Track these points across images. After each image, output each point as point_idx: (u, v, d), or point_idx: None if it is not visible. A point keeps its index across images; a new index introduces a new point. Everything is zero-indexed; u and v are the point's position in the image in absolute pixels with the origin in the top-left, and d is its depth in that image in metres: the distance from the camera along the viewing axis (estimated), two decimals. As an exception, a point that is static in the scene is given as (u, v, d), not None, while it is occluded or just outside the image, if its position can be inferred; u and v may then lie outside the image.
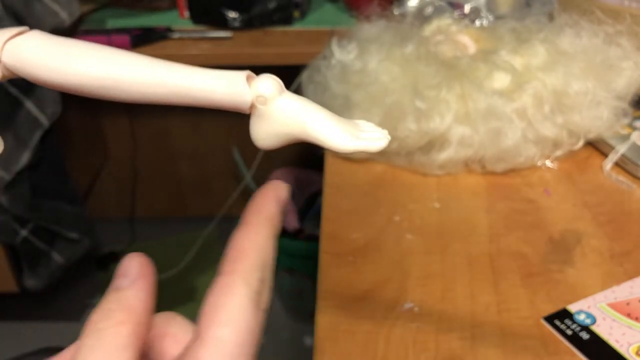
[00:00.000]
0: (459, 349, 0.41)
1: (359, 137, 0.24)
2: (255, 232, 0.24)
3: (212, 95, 0.24)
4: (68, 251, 1.10)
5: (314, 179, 1.37)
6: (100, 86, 0.24)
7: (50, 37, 0.24)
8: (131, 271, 0.23)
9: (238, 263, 0.22)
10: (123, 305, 0.21)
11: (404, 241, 0.51)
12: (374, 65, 0.60)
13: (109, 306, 0.21)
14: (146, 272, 0.23)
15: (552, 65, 0.58)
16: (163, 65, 0.24)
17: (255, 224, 0.24)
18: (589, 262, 0.48)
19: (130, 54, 0.24)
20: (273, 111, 0.24)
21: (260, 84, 0.24)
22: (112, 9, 1.09)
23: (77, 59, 0.23)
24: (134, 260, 0.23)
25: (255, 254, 0.23)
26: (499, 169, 0.59)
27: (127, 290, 0.22)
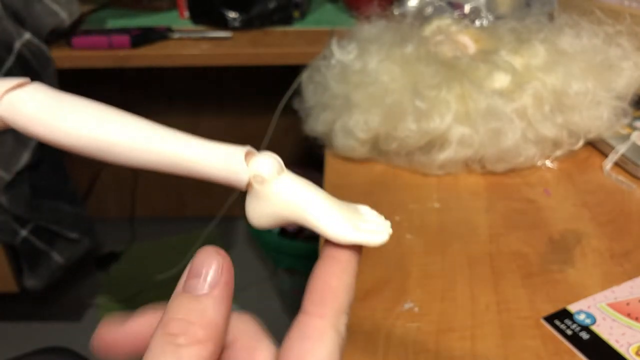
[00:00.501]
0: (459, 349, 0.41)
1: (358, 229, 0.23)
2: (343, 269, 0.22)
3: (208, 170, 0.23)
4: (68, 251, 1.09)
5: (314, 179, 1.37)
6: (96, 149, 0.23)
7: (50, 93, 0.23)
8: (208, 272, 0.21)
9: (328, 306, 0.21)
10: (205, 321, 0.19)
11: (404, 241, 0.51)
12: (374, 65, 0.60)
13: (188, 318, 0.19)
14: (226, 276, 0.21)
15: (552, 65, 0.58)
16: (161, 132, 0.23)
17: (343, 261, 0.23)
18: (589, 262, 0.48)
19: (128, 116, 0.23)
20: (270, 192, 0.23)
21: (259, 163, 0.23)
22: (112, 9, 1.09)
23: (74, 121, 0.22)
24: (211, 258, 0.21)
25: (344, 296, 0.22)
26: (499, 169, 0.59)
27: (206, 301, 0.20)
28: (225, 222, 1.50)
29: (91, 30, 0.97)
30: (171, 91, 1.44)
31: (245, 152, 0.23)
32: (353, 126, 0.59)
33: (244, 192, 0.24)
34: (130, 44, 0.92)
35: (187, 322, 0.19)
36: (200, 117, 1.48)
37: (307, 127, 0.64)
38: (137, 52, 0.92)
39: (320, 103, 0.63)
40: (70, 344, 0.74)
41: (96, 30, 0.97)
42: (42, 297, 1.38)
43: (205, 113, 1.47)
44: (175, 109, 1.46)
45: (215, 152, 0.23)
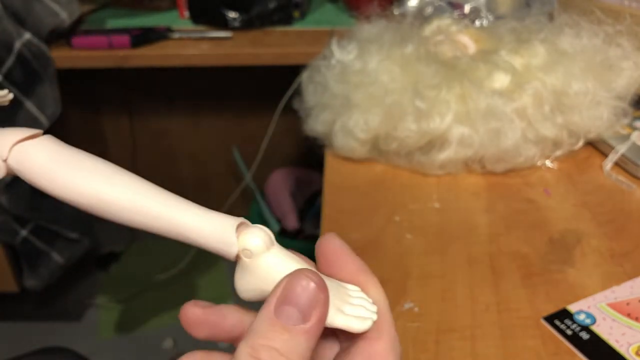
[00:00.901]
0: (459, 349, 0.41)
1: (344, 313, 0.23)
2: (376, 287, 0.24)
3: (200, 238, 0.23)
4: (68, 251, 1.10)
5: (314, 179, 1.37)
6: (97, 208, 0.23)
7: (59, 148, 0.24)
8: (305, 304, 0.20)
9: (384, 330, 0.23)
10: (295, 356, 0.20)
11: (404, 241, 0.51)
12: (374, 65, 0.60)
13: (280, 349, 0.20)
14: (321, 311, 0.21)
15: (552, 65, 0.58)
16: (160, 196, 0.24)
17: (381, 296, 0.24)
18: (589, 262, 0.48)
19: (131, 177, 0.24)
20: (257, 267, 0.23)
21: (249, 236, 0.23)
22: (112, 9, 1.09)
23: (80, 179, 0.23)
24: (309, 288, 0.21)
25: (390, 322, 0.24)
26: (499, 169, 0.59)
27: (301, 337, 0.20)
28: (225, 222, 1.50)
29: (91, 30, 0.97)
30: (171, 91, 1.44)
31: (238, 224, 0.23)
32: (353, 126, 0.59)
33: (243, 195, 0.24)
34: (130, 44, 0.92)
35: (278, 353, 0.19)
36: (200, 117, 1.48)
37: (307, 127, 0.64)
38: (137, 52, 0.92)
39: (320, 103, 0.63)
40: (70, 344, 0.74)
41: (96, 30, 0.97)
42: (42, 297, 1.38)
43: (205, 113, 1.47)
44: (175, 109, 1.46)
45: (209, 222, 0.23)
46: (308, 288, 0.20)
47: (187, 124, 1.49)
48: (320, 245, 0.25)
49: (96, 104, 1.46)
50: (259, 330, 0.20)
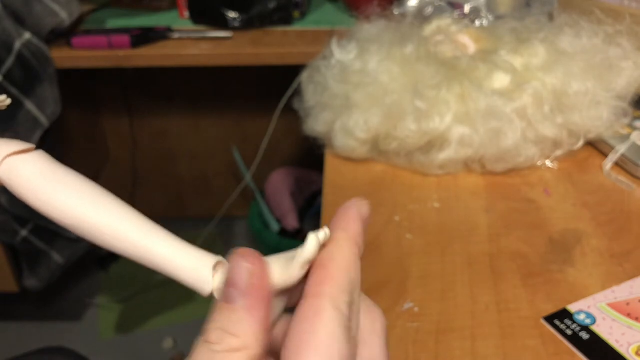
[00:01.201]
0: (459, 349, 0.41)
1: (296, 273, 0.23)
2: (341, 251, 0.22)
3: (175, 271, 0.24)
4: (68, 251, 1.10)
5: (314, 179, 1.37)
6: (79, 228, 0.24)
7: (48, 165, 0.24)
8: (241, 281, 0.21)
9: (325, 285, 0.21)
10: (240, 330, 0.20)
11: (404, 241, 0.51)
12: (374, 65, 0.60)
13: (224, 327, 0.20)
14: (257, 282, 0.21)
15: (552, 65, 0.58)
16: (142, 225, 0.24)
17: (341, 242, 0.23)
18: (589, 262, 0.48)
19: (116, 202, 0.24)
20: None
21: (224, 276, 0.23)
22: (112, 9, 1.09)
23: (65, 198, 0.24)
24: (241, 265, 0.21)
25: (343, 275, 0.22)
26: (499, 169, 0.59)
27: (240, 311, 0.21)
28: (225, 222, 1.50)
29: (91, 30, 0.97)
30: (171, 91, 1.44)
31: (216, 263, 0.24)
32: (353, 126, 0.59)
33: (243, 195, 0.24)
34: (130, 44, 0.92)
35: (223, 331, 0.20)
36: (200, 117, 1.48)
37: (307, 127, 0.64)
38: (137, 52, 0.92)
39: (320, 103, 0.63)
40: (70, 344, 0.74)
41: (96, 30, 0.97)
42: (42, 297, 1.38)
43: (205, 113, 1.47)
44: (175, 109, 1.46)
45: (186, 257, 0.24)
46: (243, 268, 0.21)
47: (187, 124, 1.49)
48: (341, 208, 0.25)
49: (96, 104, 1.46)
50: (211, 316, 0.21)
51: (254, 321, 0.21)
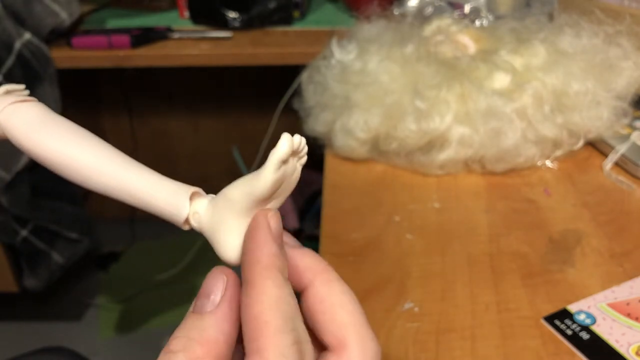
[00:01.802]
0: (459, 349, 0.41)
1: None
2: (261, 290, 0.20)
3: (151, 200, 0.24)
4: (68, 251, 1.10)
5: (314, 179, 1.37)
6: (60, 165, 0.25)
7: (45, 111, 0.27)
8: (215, 292, 0.21)
9: (261, 338, 0.19)
10: (204, 338, 0.20)
11: (404, 241, 0.51)
12: (374, 65, 0.60)
13: (189, 335, 0.20)
14: (230, 293, 0.21)
15: (552, 65, 0.58)
16: (121, 160, 0.25)
17: (258, 281, 0.21)
18: (589, 262, 0.48)
19: (101, 143, 0.26)
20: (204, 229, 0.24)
21: (201, 202, 0.24)
22: (112, 9, 1.09)
23: (52, 138, 0.25)
24: (217, 278, 0.21)
25: (275, 315, 0.20)
26: (499, 169, 0.59)
27: (208, 319, 0.20)
28: (225, 222, 1.50)
29: (91, 30, 0.97)
30: (171, 91, 1.44)
31: (193, 192, 0.25)
32: (353, 126, 0.59)
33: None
34: (130, 44, 0.92)
35: (187, 339, 0.20)
36: (200, 117, 1.48)
37: (307, 127, 0.64)
38: (137, 52, 0.92)
39: (320, 103, 0.63)
40: (70, 344, 0.74)
41: (96, 30, 0.97)
42: (42, 297, 1.38)
43: (205, 113, 1.47)
44: (175, 109, 1.47)
45: (162, 186, 0.25)
46: (220, 279, 0.22)
47: (187, 124, 1.49)
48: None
49: (96, 104, 1.46)
50: (177, 327, 0.21)
51: (220, 331, 0.20)
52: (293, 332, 0.20)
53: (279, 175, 0.22)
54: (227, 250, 0.23)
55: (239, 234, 0.23)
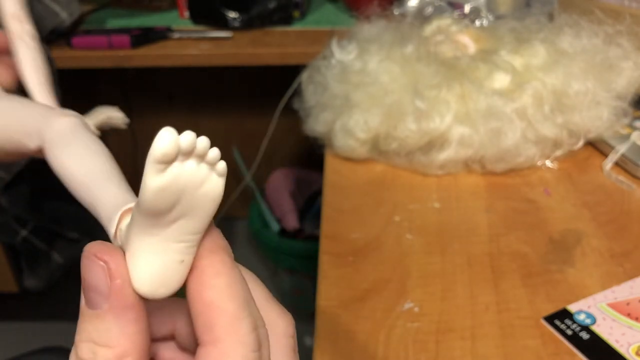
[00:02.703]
0: (459, 349, 0.41)
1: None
2: (211, 274, 0.19)
3: (100, 213, 0.22)
4: (68, 251, 1.10)
5: (314, 179, 1.37)
6: (68, 182, 0.24)
7: (79, 127, 0.27)
8: (100, 283, 0.19)
9: (217, 327, 0.18)
10: (111, 340, 0.18)
11: (404, 241, 0.51)
12: (374, 65, 0.60)
13: (94, 339, 0.18)
14: (117, 282, 0.18)
15: (552, 65, 0.58)
16: (106, 180, 0.23)
17: (205, 265, 0.19)
18: (589, 262, 0.48)
19: (99, 158, 0.25)
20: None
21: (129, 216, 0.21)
22: (112, 9, 1.09)
23: (67, 153, 0.25)
24: (94, 265, 0.19)
25: (230, 301, 0.18)
26: (499, 169, 0.59)
27: (107, 318, 0.18)
28: (225, 222, 1.50)
29: (91, 30, 0.97)
30: (171, 91, 1.44)
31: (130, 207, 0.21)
32: (353, 126, 0.59)
33: (243, 195, 0.23)
34: (130, 44, 0.92)
35: (94, 343, 0.18)
36: (200, 117, 1.48)
37: (307, 127, 0.64)
38: (137, 52, 0.92)
39: (320, 103, 0.63)
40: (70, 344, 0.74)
41: (96, 30, 0.97)
42: (42, 297, 1.38)
43: (205, 113, 1.47)
44: (175, 108, 1.46)
45: (114, 198, 0.22)
46: (99, 267, 0.19)
47: (187, 124, 1.48)
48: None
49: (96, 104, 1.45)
50: (78, 326, 0.19)
51: (125, 325, 0.18)
52: (250, 317, 0.18)
53: (164, 181, 0.18)
54: (134, 278, 0.19)
55: (144, 258, 0.19)
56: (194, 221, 0.19)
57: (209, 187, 0.19)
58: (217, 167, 0.19)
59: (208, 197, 0.19)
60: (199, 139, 0.19)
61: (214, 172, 0.19)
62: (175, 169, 0.18)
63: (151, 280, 0.19)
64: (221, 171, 0.19)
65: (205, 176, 0.19)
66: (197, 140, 0.19)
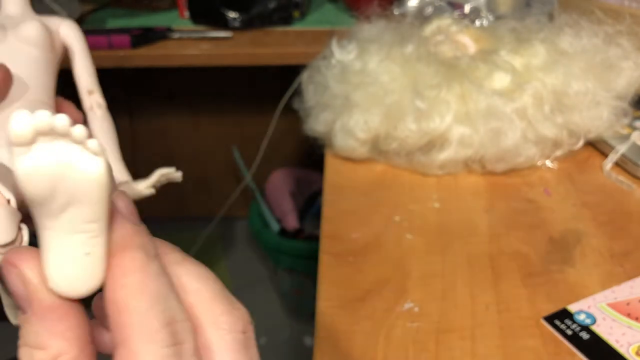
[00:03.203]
0: (459, 349, 0.41)
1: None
2: (121, 273, 0.18)
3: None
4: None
5: (314, 179, 1.37)
6: None
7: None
8: (19, 288, 0.18)
9: (125, 327, 0.18)
10: (42, 343, 0.18)
11: (404, 241, 0.51)
12: (374, 65, 0.60)
13: (27, 341, 0.18)
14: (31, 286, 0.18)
15: (552, 65, 0.58)
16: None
17: (115, 264, 0.18)
18: (589, 262, 0.48)
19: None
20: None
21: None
22: (112, 9, 1.09)
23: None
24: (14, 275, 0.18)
25: (139, 298, 0.18)
26: (499, 169, 0.59)
27: (33, 320, 0.18)
28: (225, 222, 1.50)
29: (91, 30, 0.97)
30: (171, 91, 1.44)
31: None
32: (353, 126, 0.59)
33: (243, 195, 0.24)
34: (130, 44, 0.92)
35: (29, 347, 0.18)
36: (200, 117, 1.48)
37: (307, 127, 0.64)
38: (137, 52, 0.92)
39: (320, 103, 0.63)
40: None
41: (96, 30, 0.97)
42: (42, 297, 1.38)
43: (205, 113, 1.47)
44: (176, 108, 1.46)
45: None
46: (14, 275, 0.19)
47: (187, 124, 1.49)
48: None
49: (96, 104, 1.45)
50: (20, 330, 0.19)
51: (52, 325, 0.18)
52: (163, 313, 0.18)
53: (30, 164, 0.17)
54: (49, 278, 0.19)
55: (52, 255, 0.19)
56: (83, 208, 0.18)
57: (84, 167, 0.18)
58: (88, 145, 0.18)
59: (88, 180, 0.18)
60: (56, 116, 0.17)
61: (86, 151, 0.18)
62: (39, 151, 0.17)
63: (65, 277, 0.19)
64: (94, 150, 0.18)
65: (76, 156, 0.18)
66: (54, 118, 0.17)
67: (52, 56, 0.37)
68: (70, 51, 0.40)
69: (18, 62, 0.34)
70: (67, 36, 0.40)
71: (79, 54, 0.40)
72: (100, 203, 0.18)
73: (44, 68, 0.36)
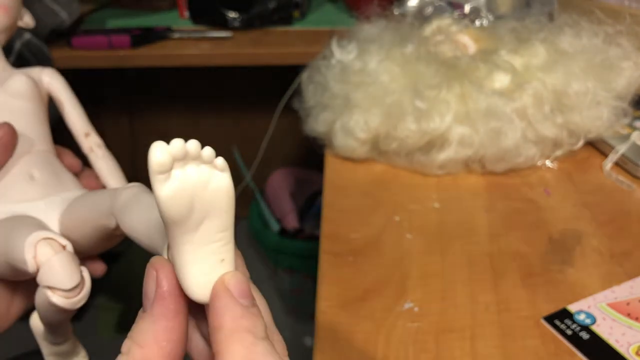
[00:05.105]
0: (459, 349, 0.41)
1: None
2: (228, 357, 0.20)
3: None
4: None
5: (314, 179, 1.37)
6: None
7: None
8: (149, 290, 0.21)
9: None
10: (142, 340, 0.20)
11: (404, 241, 0.51)
12: (374, 65, 0.60)
13: (133, 336, 0.21)
14: (162, 291, 0.21)
15: (552, 65, 0.58)
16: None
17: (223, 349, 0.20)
18: (589, 262, 0.48)
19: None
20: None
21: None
22: (112, 9, 1.09)
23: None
24: (148, 274, 0.21)
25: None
26: (499, 169, 0.59)
27: (146, 319, 0.21)
28: (225, 222, 1.50)
29: (91, 30, 0.97)
30: (171, 91, 1.44)
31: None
32: (353, 126, 0.59)
33: (243, 195, 0.25)
34: (130, 44, 0.92)
35: (131, 341, 0.21)
36: (200, 117, 1.48)
37: (307, 127, 0.64)
38: (137, 52, 0.92)
39: (320, 103, 0.63)
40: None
41: (96, 30, 0.97)
42: (42, 297, 1.38)
43: (205, 113, 1.47)
44: (175, 109, 1.46)
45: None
46: (151, 277, 0.21)
47: (187, 124, 1.49)
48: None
49: (96, 104, 1.45)
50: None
51: (158, 330, 0.20)
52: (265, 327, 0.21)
53: (171, 189, 0.19)
54: (187, 288, 0.21)
55: (191, 267, 0.21)
56: (216, 219, 0.21)
57: (216, 183, 0.21)
58: (216, 163, 0.21)
59: (219, 193, 0.21)
60: (188, 143, 0.20)
61: (215, 169, 0.21)
62: (178, 175, 0.19)
63: (204, 284, 0.21)
64: (221, 166, 0.21)
65: (207, 174, 0.20)
66: (187, 144, 0.20)
67: (42, 105, 0.39)
68: (57, 100, 0.42)
69: (15, 117, 0.36)
70: (50, 85, 0.41)
71: (68, 102, 0.42)
72: (230, 212, 0.21)
73: (38, 119, 0.38)
